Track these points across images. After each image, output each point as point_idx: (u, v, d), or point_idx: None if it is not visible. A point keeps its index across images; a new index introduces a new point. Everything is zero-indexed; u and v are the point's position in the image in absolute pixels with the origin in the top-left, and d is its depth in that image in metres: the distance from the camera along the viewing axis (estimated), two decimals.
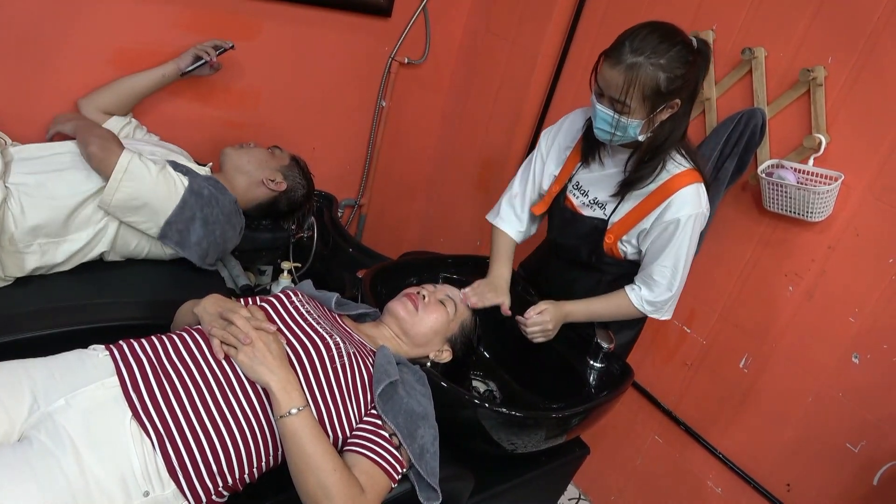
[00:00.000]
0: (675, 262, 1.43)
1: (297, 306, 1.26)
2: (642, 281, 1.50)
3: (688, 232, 1.40)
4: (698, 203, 1.40)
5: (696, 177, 1.41)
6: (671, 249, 1.42)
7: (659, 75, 1.26)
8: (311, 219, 2.16)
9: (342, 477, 1.03)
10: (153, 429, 1.00)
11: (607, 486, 2.24)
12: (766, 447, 1.79)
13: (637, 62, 1.25)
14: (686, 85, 1.30)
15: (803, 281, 1.66)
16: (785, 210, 1.61)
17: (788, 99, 1.63)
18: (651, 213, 1.43)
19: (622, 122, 1.32)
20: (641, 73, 1.25)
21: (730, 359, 1.84)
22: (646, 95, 1.28)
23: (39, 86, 1.73)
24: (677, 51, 1.27)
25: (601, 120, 1.35)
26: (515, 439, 1.39)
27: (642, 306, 1.50)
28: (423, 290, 1.44)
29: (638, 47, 1.25)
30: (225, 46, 1.85)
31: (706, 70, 1.34)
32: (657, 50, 1.25)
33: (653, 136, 1.36)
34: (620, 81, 1.27)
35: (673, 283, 1.46)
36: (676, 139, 1.38)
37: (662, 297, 1.48)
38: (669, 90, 1.28)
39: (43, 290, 1.48)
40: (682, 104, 1.33)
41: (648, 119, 1.32)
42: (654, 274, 1.46)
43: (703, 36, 1.75)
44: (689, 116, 1.38)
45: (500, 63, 2.39)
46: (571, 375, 1.55)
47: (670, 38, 1.27)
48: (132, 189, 1.49)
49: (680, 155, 1.42)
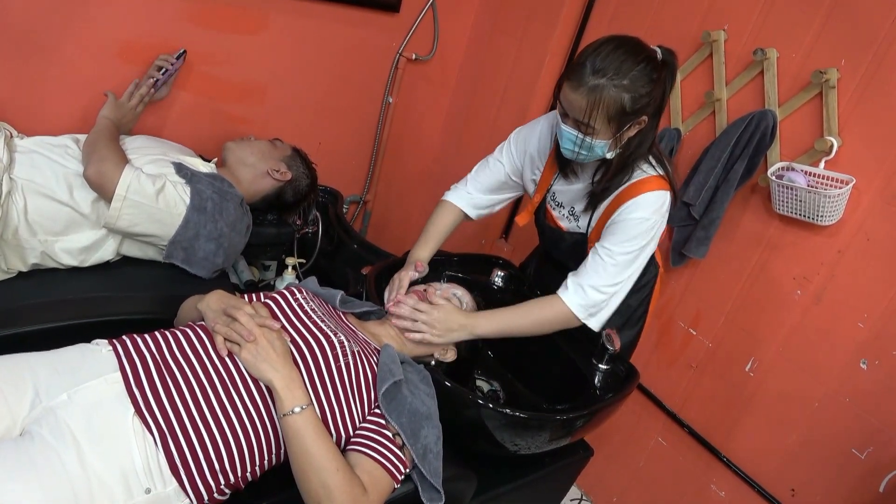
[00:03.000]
0: (618, 260, 1.35)
1: (301, 303, 1.26)
2: (574, 279, 1.40)
3: (636, 232, 1.34)
4: (655, 209, 1.35)
5: (661, 184, 1.36)
6: (616, 246, 1.35)
7: (623, 96, 1.21)
8: (316, 213, 2.15)
9: (345, 477, 1.02)
10: (155, 425, 0.99)
11: (609, 487, 2.23)
12: (770, 451, 1.78)
13: (599, 84, 1.20)
14: (652, 102, 1.26)
15: (812, 285, 1.65)
16: (794, 213, 1.59)
17: (800, 101, 1.61)
18: (611, 216, 1.39)
19: (587, 142, 1.29)
20: (605, 96, 1.21)
21: (735, 362, 1.83)
22: (610, 117, 1.24)
23: (46, 78, 1.73)
24: (641, 69, 1.22)
25: (566, 140, 1.32)
26: (519, 440, 1.37)
27: (576, 309, 1.39)
28: (429, 288, 1.43)
29: (600, 68, 1.20)
30: (168, 65, 1.77)
31: (673, 80, 1.30)
32: (620, 70, 1.20)
33: (620, 152, 1.33)
34: (584, 104, 1.23)
35: (607, 277, 1.36)
36: (644, 152, 1.36)
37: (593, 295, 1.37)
38: (635, 109, 1.24)
39: (46, 283, 1.48)
40: (650, 119, 1.29)
41: (615, 138, 1.29)
42: (589, 265, 1.37)
43: (714, 36, 1.75)
44: (656, 129, 1.35)
45: (508, 61, 2.38)
46: (576, 376, 1.54)
47: (633, 55, 1.22)
48: (132, 217, 1.48)
49: (647, 163, 1.38)
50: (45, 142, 1.54)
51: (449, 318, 1.38)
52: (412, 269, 1.51)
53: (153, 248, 1.60)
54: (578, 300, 1.38)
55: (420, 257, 1.58)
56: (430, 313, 1.37)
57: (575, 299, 1.39)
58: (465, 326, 1.40)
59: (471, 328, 1.40)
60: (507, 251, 2.49)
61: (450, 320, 1.38)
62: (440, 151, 2.74)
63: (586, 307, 1.38)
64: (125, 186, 1.45)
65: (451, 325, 1.38)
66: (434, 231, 1.62)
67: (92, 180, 1.45)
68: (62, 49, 1.71)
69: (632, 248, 1.35)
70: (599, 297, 1.38)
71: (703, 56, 1.81)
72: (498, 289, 1.78)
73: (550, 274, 1.74)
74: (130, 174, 1.46)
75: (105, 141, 1.52)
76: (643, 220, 1.34)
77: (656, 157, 1.40)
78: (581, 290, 1.38)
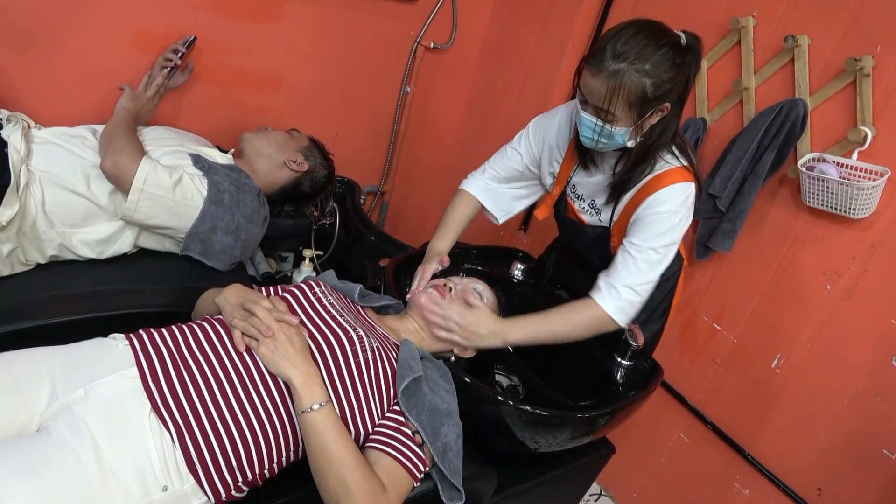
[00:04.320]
0: (646, 256, 1.31)
1: (320, 297, 1.24)
2: (605, 280, 1.35)
3: (664, 227, 1.31)
4: (681, 202, 1.31)
5: (685, 175, 1.32)
6: (644, 242, 1.31)
7: (644, 82, 1.17)
8: (333, 204, 2.13)
9: (364, 475, 1.00)
10: (172, 422, 0.98)
11: (629, 482, 2.20)
12: (797, 450, 1.74)
13: (620, 69, 1.16)
14: (675, 88, 1.21)
15: (842, 280, 1.60)
16: (825, 206, 1.54)
17: (832, 89, 1.55)
18: (636, 210, 1.35)
19: (607, 130, 1.24)
20: (625, 81, 1.16)
21: (761, 358, 1.79)
22: (631, 103, 1.19)
23: (62, 68, 1.72)
24: (663, 53, 1.17)
25: (586, 128, 1.27)
26: (539, 438, 1.35)
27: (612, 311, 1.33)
28: (449, 283, 1.40)
29: (621, 52, 1.16)
30: (180, 49, 1.76)
31: (698, 66, 1.25)
32: (642, 54, 1.16)
33: (642, 140, 1.29)
34: (603, 90, 1.18)
35: (638, 275, 1.32)
36: (666, 141, 1.31)
37: (627, 295, 1.33)
38: (657, 95, 1.19)
39: (64, 275, 1.47)
40: (673, 106, 1.25)
41: (636, 126, 1.24)
42: (619, 263, 1.33)
43: (743, 22, 1.69)
44: (680, 117, 1.30)
45: (528, 49, 2.33)
46: (598, 372, 1.51)
47: (656, 39, 1.17)
48: (149, 209, 1.47)
49: (670, 154, 1.33)
50: (63, 133, 1.53)
51: (481, 322, 1.33)
52: (436, 262, 1.49)
53: (171, 241, 1.59)
54: (614, 302, 1.33)
55: (440, 249, 1.56)
56: (463, 315, 1.33)
57: (610, 301, 1.33)
58: (496, 333, 1.34)
59: (503, 335, 1.34)
60: (527, 243, 2.46)
61: (482, 325, 1.33)
62: (458, 142, 2.71)
63: (621, 308, 1.34)
64: (142, 178, 1.43)
65: (482, 331, 1.33)
66: (453, 222, 1.60)
67: (109, 172, 1.44)
68: (78, 39, 1.70)
69: (661, 244, 1.31)
70: (634, 297, 1.33)
71: (730, 43, 1.75)
72: (518, 282, 1.76)
73: (571, 268, 1.71)
74: (147, 166, 1.45)
75: (122, 132, 1.50)
76: (670, 213, 1.30)
77: (680, 147, 1.35)
78: (614, 290, 1.33)
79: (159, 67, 1.76)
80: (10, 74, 1.66)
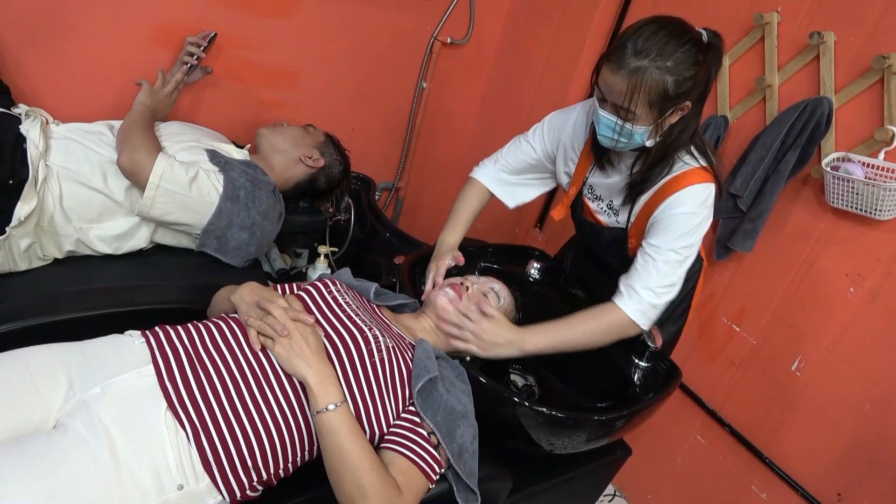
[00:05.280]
0: (666, 258, 1.29)
1: (336, 296, 1.23)
2: (626, 283, 1.32)
3: (684, 229, 1.28)
4: (700, 204, 1.28)
5: (705, 176, 1.29)
6: (664, 244, 1.29)
7: (666, 79, 1.14)
8: (348, 200, 2.13)
9: (379, 477, 0.99)
10: (188, 421, 0.98)
11: (644, 483, 2.18)
12: (816, 454, 1.71)
13: (641, 66, 1.13)
14: (697, 86, 1.18)
15: (866, 282, 1.57)
16: (850, 206, 1.51)
17: (859, 87, 1.52)
18: (655, 209, 1.32)
19: (627, 129, 1.22)
20: (647, 78, 1.14)
21: (781, 360, 1.76)
22: (652, 101, 1.17)
23: (80, 64, 1.72)
24: (685, 50, 1.14)
25: (604, 126, 1.25)
26: (555, 439, 1.33)
27: (633, 314, 1.32)
28: (466, 281, 1.39)
29: (642, 49, 1.13)
30: (199, 50, 1.75)
31: (719, 64, 1.22)
32: (663, 51, 1.13)
33: (661, 140, 1.26)
34: (624, 87, 1.16)
35: (659, 278, 1.30)
36: (685, 140, 1.28)
37: (648, 298, 1.31)
38: (678, 94, 1.17)
39: (80, 270, 1.48)
40: (693, 105, 1.22)
41: (656, 125, 1.22)
42: (639, 265, 1.31)
43: (767, 18, 1.66)
44: (699, 116, 1.28)
45: (545, 45, 2.31)
46: (615, 373, 1.49)
47: (677, 36, 1.15)
48: (165, 205, 1.47)
49: (689, 154, 1.31)
50: (80, 128, 1.53)
51: (498, 332, 1.31)
52: (449, 258, 1.48)
53: (187, 237, 1.59)
54: (634, 304, 1.31)
55: (451, 242, 1.55)
56: (479, 323, 1.31)
57: (630, 304, 1.31)
58: (513, 342, 1.32)
59: (520, 344, 1.32)
60: (542, 241, 2.44)
61: (498, 334, 1.31)
62: (474, 138, 2.69)
63: (643, 311, 1.32)
64: (158, 175, 1.43)
65: (498, 340, 1.31)
66: (464, 214, 1.59)
67: (125, 168, 1.44)
68: (96, 34, 1.70)
69: (681, 245, 1.29)
70: (656, 300, 1.31)
71: (753, 39, 1.72)
72: (534, 281, 1.74)
73: (588, 268, 1.70)
74: (164, 162, 1.44)
75: (139, 128, 1.50)
76: (690, 215, 1.28)
77: (699, 148, 1.32)
78: (635, 293, 1.31)
79: (179, 63, 1.75)
80: (29, 70, 1.66)
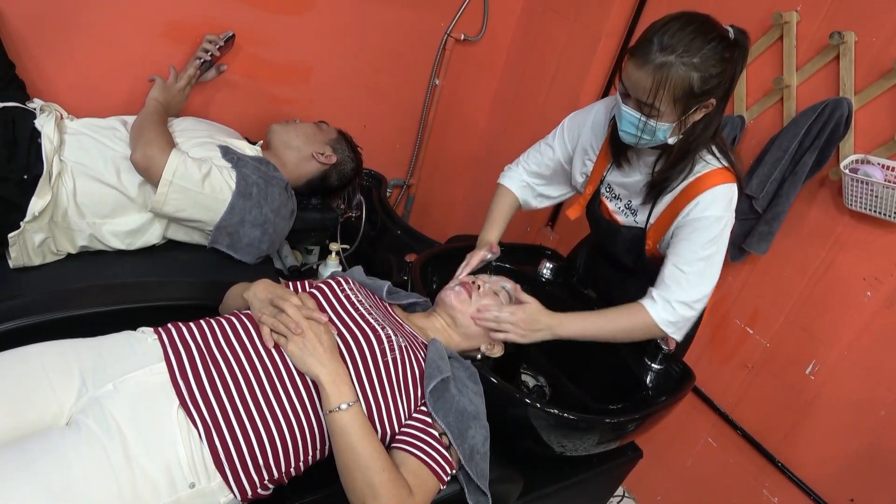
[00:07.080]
0: (696, 268, 1.29)
1: (349, 294, 1.22)
2: (660, 294, 1.32)
3: (711, 234, 1.27)
4: (726, 206, 1.27)
5: (727, 176, 1.28)
6: (692, 253, 1.28)
7: (692, 76, 1.13)
8: (360, 197, 2.12)
9: (391, 477, 0.99)
10: (200, 419, 0.98)
11: (653, 485, 2.17)
12: (830, 458, 1.69)
13: (667, 62, 1.12)
14: (722, 83, 1.17)
15: (884, 286, 1.55)
16: (868, 209, 1.49)
17: (879, 89, 1.50)
18: (680, 213, 1.31)
19: (650, 126, 1.21)
20: (672, 74, 1.13)
21: (795, 363, 1.74)
22: (677, 98, 1.16)
23: (94, 59, 1.72)
24: (712, 47, 1.13)
25: (627, 123, 1.23)
26: (566, 441, 1.33)
27: (663, 322, 1.32)
28: (477, 280, 1.38)
29: (668, 44, 1.12)
30: (216, 49, 1.75)
31: (744, 62, 1.21)
32: (690, 47, 1.12)
33: (683, 137, 1.25)
34: (648, 83, 1.15)
35: (691, 290, 1.29)
36: (707, 139, 1.27)
37: (683, 311, 1.31)
38: (703, 91, 1.16)
39: (93, 266, 1.48)
40: (717, 103, 1.21)
41: (679, 122, 1.20)
42: (669, 277, 1.31)
43: (786, 17, 1.64)
44: (722, 114, 1.26)
45: (560, 43, 2.29)
46: (627, 375, 1.48)
47: (704, 32, 1.13)
48: (178, 202, 1.47)
49: (710, 154, 1.29)
50: (94, 124, 1.53)
51: (534, 317, 1.33)
52: (485, 250, 1.49)
53: (199, 233, 1.59)
54: (667, 316, 1.31)
55: (489, 239, 1.55)
56: (515, 313, 1.32)
57: (663, 315, 1.31)
58: (550, 326, 1.33)
59: (555, 328, 1.34)
60: (554, 240, 2.43)
61: (534, 320, 1.32)
62: (486, 136, 2.68)
63: (674, 323, 1.31)
64: (171, 171, 1.43)
65: (536, 325, 1.32)
66: (499, 214, 1.61)
67: (138, 164, 1.44)
68: (109, 29, 1.70)
69: (708, 253, 1.28)
70: (690, 314, 1.31)
71: (772, 39, 1.70)
72: (546, 281, 1.73)
73: (601, 268, 1.68)
74: (177, 159, 1.44)
75: (152, 124, 1.50)
76: (717, 218, 1.26)
77: (720, 147, 1.31)
78: (669, 306, 1.30)
79: (193, 59, 1.75)
80: (44, 65, 1.66)
